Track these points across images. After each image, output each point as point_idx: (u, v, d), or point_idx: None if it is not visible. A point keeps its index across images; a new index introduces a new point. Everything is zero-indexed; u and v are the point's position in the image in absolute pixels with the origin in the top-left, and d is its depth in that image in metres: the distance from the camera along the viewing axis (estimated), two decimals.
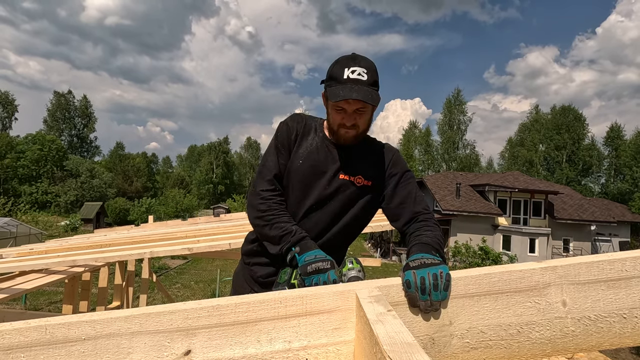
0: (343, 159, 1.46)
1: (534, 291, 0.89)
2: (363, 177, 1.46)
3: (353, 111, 1.38)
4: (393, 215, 1.48)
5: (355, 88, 1.32)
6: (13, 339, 0.71)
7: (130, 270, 6.27)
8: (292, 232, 1.34)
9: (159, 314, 0.76)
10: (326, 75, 1.44)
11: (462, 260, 23.42)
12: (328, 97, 1.37)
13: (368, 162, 1.50)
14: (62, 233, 30.28)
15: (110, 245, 3.91)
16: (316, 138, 1.50)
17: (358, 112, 1.39)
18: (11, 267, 3.10)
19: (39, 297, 11.43)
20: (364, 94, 1.32)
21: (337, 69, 1.38)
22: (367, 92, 1.33)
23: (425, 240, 1.22)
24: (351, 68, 1.35)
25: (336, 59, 1.43)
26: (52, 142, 47.17)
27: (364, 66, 1.37)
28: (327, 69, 1.45)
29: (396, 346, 0.60)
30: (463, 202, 26.16)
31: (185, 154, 79.31)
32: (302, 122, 1.53)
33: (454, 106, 53.66)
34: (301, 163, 1.46)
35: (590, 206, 27.33)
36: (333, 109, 1.40)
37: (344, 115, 1.39)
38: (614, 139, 50.51)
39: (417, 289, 0.88)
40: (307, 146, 1.49)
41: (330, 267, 1.17)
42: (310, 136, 1.51)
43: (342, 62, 1.39)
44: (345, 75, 1.35)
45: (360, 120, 1.41)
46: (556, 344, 0.90)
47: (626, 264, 0.91)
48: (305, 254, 1.26)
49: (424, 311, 0.88)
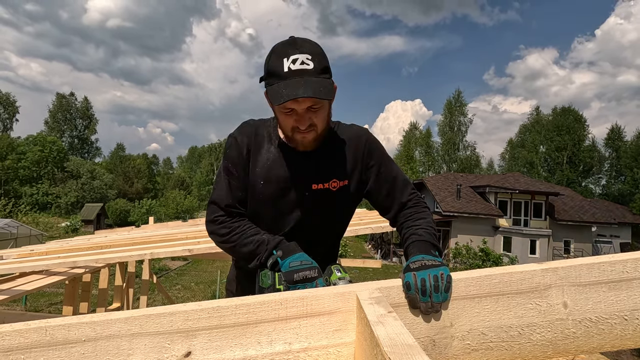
0: (310, 165, 1.25)
1: (535, 293, 0.89)
2: (338, 179, 1.27)
3: (305, 110, 1.12)
4: (382, 208, 1.36)
5: (301, 82, 1.06)
6: (13, 340, 0.70)
7: (131, 271, 6.26)
8: (266, 240, 1.20)
9: (159, 315, 0.76)
10: (264, 71, 1.16)
11: (462, 261, 23.38)
12: (270, 99, 1.11)
13: (339, 159, 1.28)
14: (63, 234, 30.30)
15: (110, 246, 3.91)
16: (272, 148, 1.26)
17: (312, 110, 1.13)
18: (12, 268, 3.10)
19: (40, 298, 11.44)
20: (314, 89, 1.06)
21: (274, 60, 1.11)
22: (317, 84, 1.08)
23: (422, 236, 1.14)
24: (291, 57, 1.08)
25: (272, 48, 1.15)
26: (53, 143, 47.22)
27: (307, 52, 1.10)
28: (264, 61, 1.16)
29: (397, 348, 0.60)
30: (464, 203, 26.14)
31: (185, 155, 79.52)
32: (252, 133, 1.28)
33: (455, 107, 53.68)
34: (263, 185, 1.25)
35: (591, 207, 27.30)
36: (281, 113, 1.15)
37: (296, 118, 1.14)
38: (614, 140, 50.48)
39: (417, 290, 0.87)
40: (264, 162, 1.25)
41: (317, 275, 1.09)
42: (264, 148, 1.27)
43: (279, 50, 1.12)
44: (285, 67, 1.08)
45: (317, 119, 1.16)
46: (557, 346, 0.90)
47: (627, 265, 0.91)
48: (289, 259, 1.13)
49: (425, 313, 0.86)
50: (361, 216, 4.95)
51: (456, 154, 54.06)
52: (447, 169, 52.74)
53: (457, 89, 59.57)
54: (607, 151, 51.26)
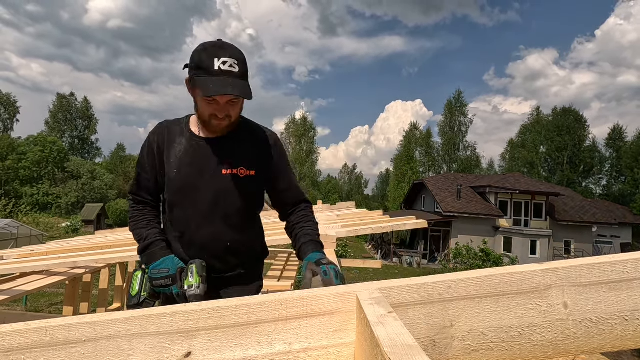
0: (220, 153, 1.44)
1: (535, 293, 0.89)
2: (245, 168, 1.45)
3: (225, 103, 1.34)
4: (277, 200, 1.60)
5: (229, 82, 1.28)
6: (13, 340, 0.70)
7: (131, 271, 6.27)
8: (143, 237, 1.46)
9: (160, 315, 0.76)
10: (191, 62, 1.35)
11: (463, 262, 23.36)
12: (200, 89, 1.31)
13: (248, 151, 1.48)
14: (63, 234, 30.29)
15: (111, 246, 3.91)
16: (183, 140, 1.45)
17: (230, 104, 1.35)
18: (12, 268, 3.10)
19: (40, 298, 11.43)
20: (240, 89, 1.29)
21: (206, 57, 1.30)
22: (242, 85, 1.30)
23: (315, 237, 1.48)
24: (222, 59, 1.28)
25: (202, 45, 1.35)
26: (53, 143, 47.24)
27: (235, 57, 1.31)
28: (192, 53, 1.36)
29: (397, 348, 0.60)
30: (464, 203, 26.13)
31: None
32: (164, 131, 1.47)
33: (455, 108, 53.64)
34: (176, 172, 1.42)
35: (591, 208, 27.29)
36: (203, 101, 1.35)
37: (216, 107, 1.35)
38: (615, 140, 50.43)
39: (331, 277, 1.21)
40: (177, 153, 1.44)
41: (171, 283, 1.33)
42: (176, 142, 1.45)
43: (210, 50, 1.31)
44: (216, 66, 1.28)
45: (233, 111, 1.38)
46: (558, 346, 0.90)
47: (627, 265, 0.91)
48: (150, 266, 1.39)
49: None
50: (361, 216, 4.95)
51: (456, 154, 54.04)
52: (448, 169, 52.72)
53: (458, 89, 59.60)
54: (607, 151, 51.22)
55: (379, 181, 78.47)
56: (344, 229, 3.30)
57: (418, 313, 0.87)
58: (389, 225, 3.66)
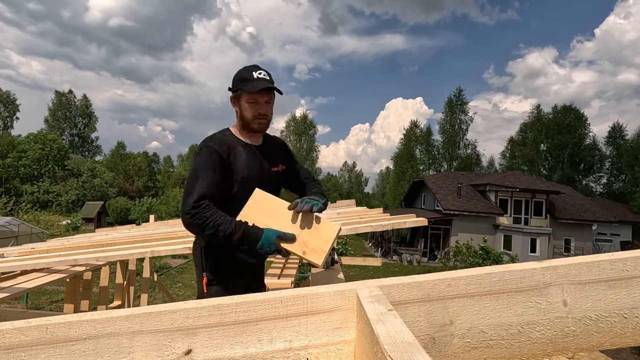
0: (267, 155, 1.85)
1: (534, 291, 0.89)
2: (281, 165, 1.91)
3: (264, 102, 1.73)
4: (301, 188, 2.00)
5: (266, 82, 1.70)
6: (14, 338, 0.71)
7: (132, 269, 6.27)
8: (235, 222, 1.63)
9: (160, 313, 0.76)
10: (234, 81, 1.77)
11: (463, 260, 23.39)
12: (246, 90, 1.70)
13: (276, 152, 1.91)
14: (64, 232, 30.31)
15: (111, 244, 3.92)
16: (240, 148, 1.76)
17: (267, 103, 1.74)
18: (13, 266, 3.10)
19: (41, 296, 11.45)
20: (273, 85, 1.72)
21: (244, 73, 1.73)
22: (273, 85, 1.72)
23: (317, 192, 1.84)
24: (257, 72, 1.71)
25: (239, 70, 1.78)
26: (53, 141, 47.19)
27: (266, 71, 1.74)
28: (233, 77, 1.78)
29: (397, 346, 0.60)
30: (464, 201, 26.13)
31: (186, 154, 79.27)
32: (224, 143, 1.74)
33: (456, 106, 53.52)
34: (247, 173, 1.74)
35: (591, 206, 27.29)
36: (247, 103, 1.73)
37: (257, 107, 1.72)
38: (615, 138, 50.36)
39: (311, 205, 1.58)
40: (243, 159, 1.75)
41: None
42: (237, 149, 1.75)
43: (248, 69, 1.75)
44: (255, 76, 1.70)
45: (269, 110, 1.77)
46: (557, 344, 0.90)
47: (627, 263, 0.91)
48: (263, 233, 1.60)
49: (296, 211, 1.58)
50: (361, 214, 4.95)
51: (457, 152, 53.96)
52: (448, 167, 52.68)
53: (458, 87, 59.47)
54: (608, 149, 51.14)
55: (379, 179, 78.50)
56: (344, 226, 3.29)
57: (418, 311, 0.87)
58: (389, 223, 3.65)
